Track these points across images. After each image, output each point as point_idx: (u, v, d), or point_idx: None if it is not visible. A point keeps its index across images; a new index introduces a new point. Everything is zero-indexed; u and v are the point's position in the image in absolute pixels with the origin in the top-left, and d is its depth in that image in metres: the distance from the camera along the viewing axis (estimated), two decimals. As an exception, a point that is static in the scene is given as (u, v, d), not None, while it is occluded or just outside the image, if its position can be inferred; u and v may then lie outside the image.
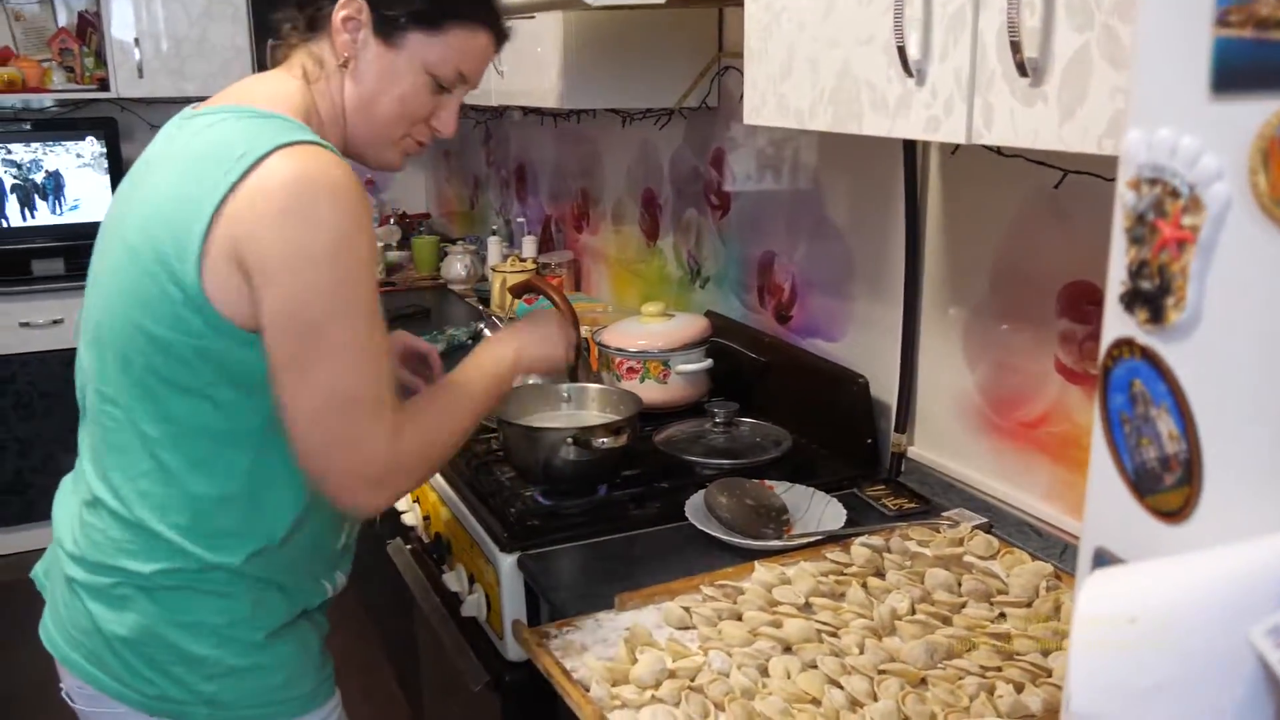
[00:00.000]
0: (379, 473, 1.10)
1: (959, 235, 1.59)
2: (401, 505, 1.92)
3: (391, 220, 3.91)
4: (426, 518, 1.87)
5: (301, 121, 1.11)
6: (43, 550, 1.26)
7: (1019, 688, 1.10)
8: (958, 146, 1.54)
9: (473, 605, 1.58)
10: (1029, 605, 1.28)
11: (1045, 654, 1.17)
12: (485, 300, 3.07)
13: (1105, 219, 1.35)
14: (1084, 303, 1.38)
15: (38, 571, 1.27)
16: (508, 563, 1.47)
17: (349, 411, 1.06)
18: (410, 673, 2.33)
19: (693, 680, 1.12)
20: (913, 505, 1.59)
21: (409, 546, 1.99)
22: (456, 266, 3.26)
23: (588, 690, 1.11)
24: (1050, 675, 1.13)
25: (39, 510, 3.53)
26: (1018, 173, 1.43)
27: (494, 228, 3.45)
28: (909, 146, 1.62)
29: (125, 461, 1.13)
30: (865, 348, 1.81)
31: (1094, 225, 1.36)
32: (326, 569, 1.26)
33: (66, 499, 1.23)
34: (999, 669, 1.14)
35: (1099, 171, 1.30)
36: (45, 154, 3.71)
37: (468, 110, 3.19)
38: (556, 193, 3.11)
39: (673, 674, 1.13)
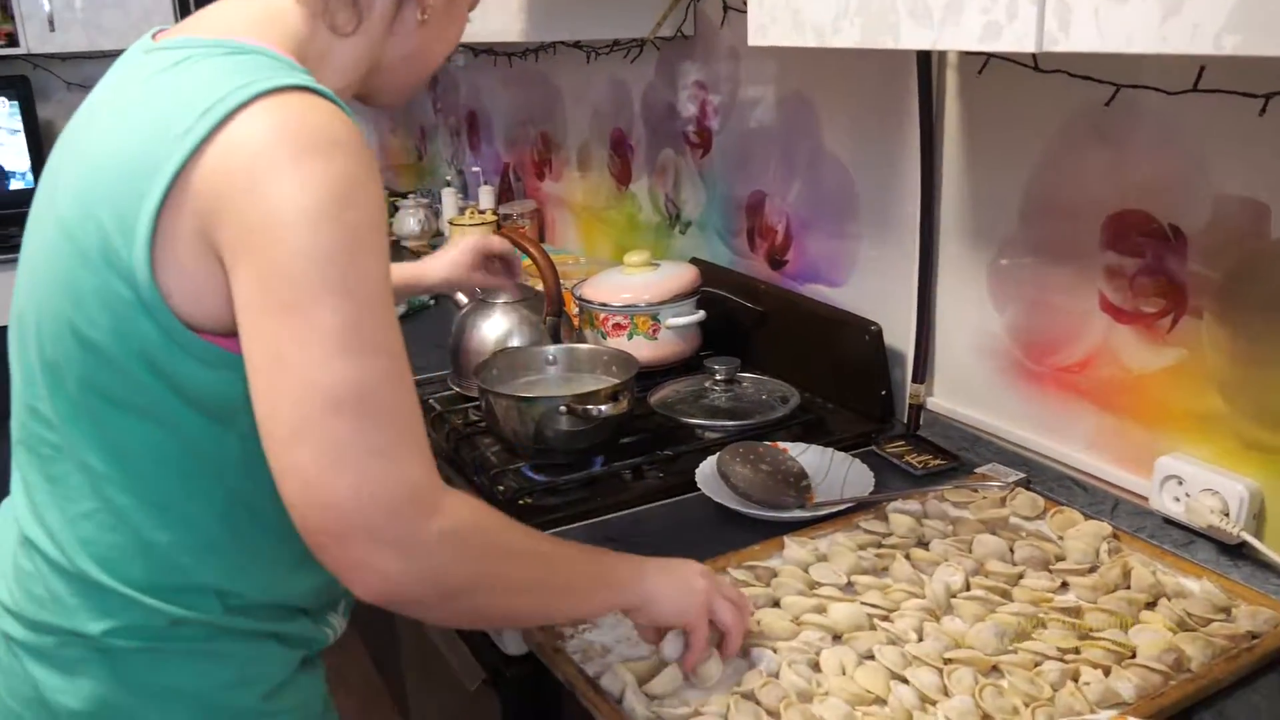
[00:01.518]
0: (414, 511, 0.75)
1: (984, 162, 1.44)
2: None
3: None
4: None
5: (293, 59, 0.86)
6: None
7: (1105, 671, 0.97)
8: (986, 62, 1.38)
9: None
10: (1092, 571, 1.15)
11: (1124, 629, 1.04)
12: (443, 256, 2.87)
13: (1163, 138, 1.21)
14: (1135, 234, 1.25)
15: None
16: (503, 550, 1.31)
17: (354, 415, 0.74)
18: (392, 670, 2.17)
19: (738, 684, 0.97)
20: (940, 462, 1.46)
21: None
22: (410, 222, 3.05)
23: (619, 702, 0.96)
24: (1135, 655, 1.00)
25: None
26: (1058, 89, 1.28)
27: (447, 179, 3.24)
28: (923, 66, 1.46)
29: (63, 498, 0.89)
30: (873, 292, 1.67)
31: (1149, 146, 1.21)
32: (329, 604, 1.03)
33: (1, 531, 0.98)
34: (1076, 650, 1.01)
35: (1161, 85, 1.15)
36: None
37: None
38: (514, 139, 2.91)
39: (713, 677, 0.99)
